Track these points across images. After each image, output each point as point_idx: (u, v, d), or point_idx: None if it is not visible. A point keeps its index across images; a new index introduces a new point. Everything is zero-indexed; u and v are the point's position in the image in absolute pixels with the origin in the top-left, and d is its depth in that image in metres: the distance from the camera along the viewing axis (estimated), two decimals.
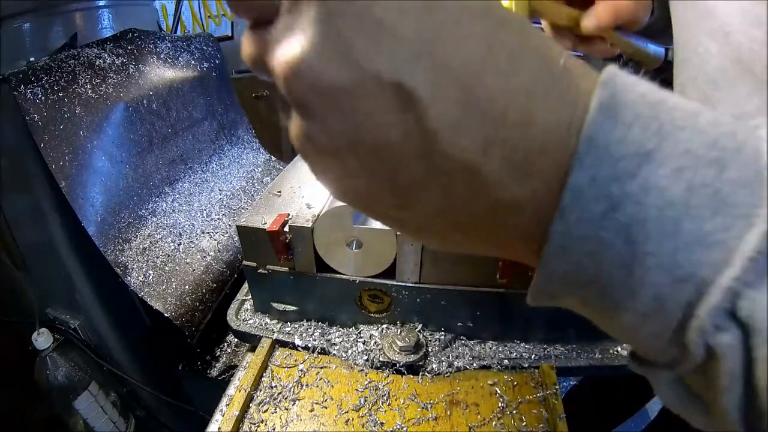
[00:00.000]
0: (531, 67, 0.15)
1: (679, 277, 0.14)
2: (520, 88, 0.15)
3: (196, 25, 1.45)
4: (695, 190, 0.14)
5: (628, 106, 0.15)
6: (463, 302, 0.53)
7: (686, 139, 0.14)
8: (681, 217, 0.14)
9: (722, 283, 0.14)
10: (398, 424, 0.46)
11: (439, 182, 0.16)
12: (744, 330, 0.14)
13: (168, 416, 0.91)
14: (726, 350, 0.14)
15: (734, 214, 0.14)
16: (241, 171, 1.03)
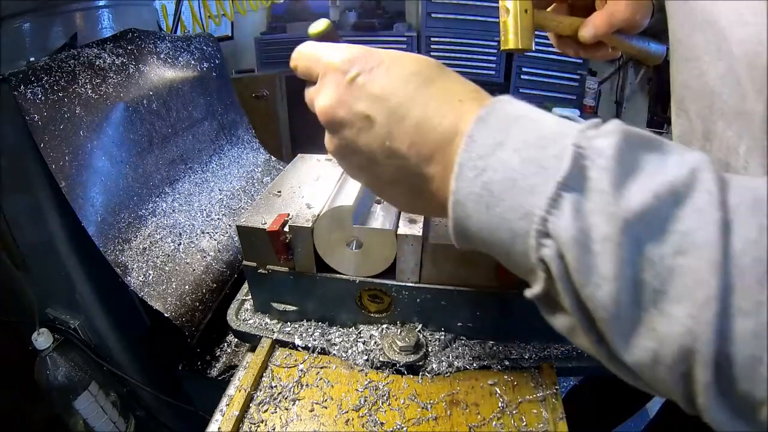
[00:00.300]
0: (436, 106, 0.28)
1: (520, 215, 0.23)
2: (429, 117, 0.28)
3: (196, 25, 1.44)
4: (526, 162, 0.23)
5: (494, 118, 0.25)
6: (463, 302, 0.53)
7: (524, 135, 0.24)
8: (517, 177, 0.23)
9: (538, 213, 0.22)
10: (398, 424, 0.46)
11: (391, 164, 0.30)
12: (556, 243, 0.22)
13: (168, 416, 0.91)
14: (550, 261, 0.22)
15: (547, 175, 0.22)
16: (241, 171, 1.03)
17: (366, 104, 0.29)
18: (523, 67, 2.18)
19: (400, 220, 0.52)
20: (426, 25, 2.17)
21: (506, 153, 0.24)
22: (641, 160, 0.22)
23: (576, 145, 0.22)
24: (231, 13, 1.55)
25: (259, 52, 2.32)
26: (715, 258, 0.19)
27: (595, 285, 0.21)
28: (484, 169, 0.24)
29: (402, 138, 0.28)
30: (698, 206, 0.20)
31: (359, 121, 0.29)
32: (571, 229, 0.21)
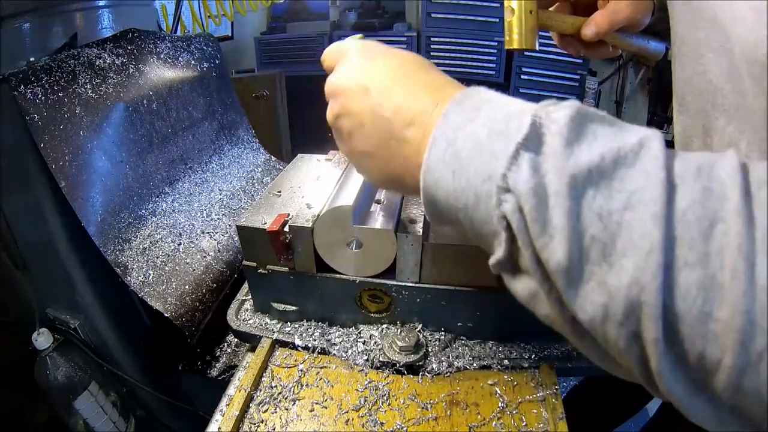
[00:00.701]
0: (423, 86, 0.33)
1: (484, 178, 0.25)
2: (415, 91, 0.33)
3: (196, 25, 1.44)
4: (493, 133, 0.26)
5: (468, 101, 0.29)
6: (463, 302, 0.53)
7: (492, 113, 0.27)
8: (483, 145, 0.26)
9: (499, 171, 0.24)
10: (398, 424, 0.46)
11: (377, 128, 0.34)
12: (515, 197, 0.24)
13: (168, 416, 0.91)
14: (510, 215, 0.24)
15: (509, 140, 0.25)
16: (241, 171, 1.03)
17: (366, 78, 0.35)
18: (523, 67, 2.18)
19: (400, 220, 0.52)
20: (426, 25, 2.17)
21: (475, 126, 0.27)
22: (593, 129, 0.24)
23: (534, 115, 0.25)
24: (231, 13, 1.55)
25: (259, 52, 2.32)
26: (659, 211, 0.20)
27: (549, 236, 0.22)
28: (454, 140, 0.27)
29: (389, 105, 0.33)
30: (645, 168, 0.21)
31: (358, 89, 0.34)
32: (528, 182, 0.23)
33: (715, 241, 0.19)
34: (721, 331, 0.19)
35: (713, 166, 0.21)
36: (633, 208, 0.21)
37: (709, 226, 0.20)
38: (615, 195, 0.21)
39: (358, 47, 0.37)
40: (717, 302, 0.19)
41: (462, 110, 0.28)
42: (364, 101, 0.34)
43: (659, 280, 0.20)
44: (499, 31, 2.13)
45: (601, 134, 0.23)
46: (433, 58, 2.17)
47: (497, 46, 2.16)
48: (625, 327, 0.21)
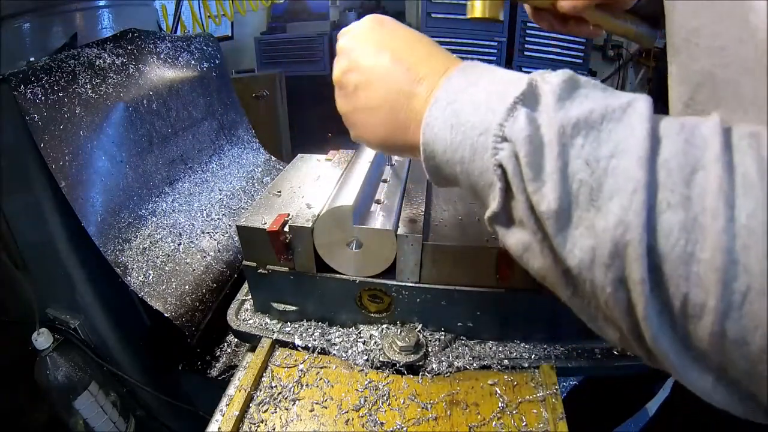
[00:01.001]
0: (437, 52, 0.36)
1: (481, 131, 0.27)
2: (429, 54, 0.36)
3: (196, 25, 1.44)
4: (492, 93, 0.28)
5: (473, 69, 0.31)
6: (463, 302, 0.53)
7: (492, 78, 0.29)
8: (482, 103, 0.28)
9: (496, 122, 0.26)
10: (398, 424, 0.46)
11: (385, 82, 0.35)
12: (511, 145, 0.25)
13: (168, 416, 0.91)
14: (506, 160, 0.26)
15: (506, 98, 0.26)
16: (241, 171, 1.03)
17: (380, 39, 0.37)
18: (522, 67, 2.18)
19: (400, 220, 0.52)
20: (426, 25, 2.17)
21: (476, 89, 0.29)
22: (584, 91, 0.26)
23: (531, 79, 0.27)
24: (231, 13, 1.55)
25: (259, 52, 2.32)
26: (643, 156, 0.21)
27: (541, 182, 0.24)
28: (455, 100, 0.29)
29: (402, 64, 0.35)
30: (631, 122, 0.23)
31: (371, 47, 0.36)
32: (524, 131, 0.25)
33: (697, 185, 0.20)
34: (703, 271, 0.20)
35: (697, 124, 0.22)
36: (619, 156, 0.22)
37: (691, 172, 0.20)
38: (602, 144, 0.23)
39: (373, 15, 0.40)
40: (699, 243, 0.20)
41: (465, 76, 0.31)
42: (376, 58, 0.35)
43: (643, 218, 0.21)
44: (500, 31, 2.13)
45: (591, 95, 0.25)
46: None
47: (497, 46, 2.16)
48: (612, 270, 0.22)
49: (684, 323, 0.21)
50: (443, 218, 0.54)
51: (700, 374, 0.22)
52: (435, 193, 0.60)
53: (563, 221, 0.24)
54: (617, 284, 0.22)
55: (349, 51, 0.38)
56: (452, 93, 0.30)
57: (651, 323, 0.21)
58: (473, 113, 0.28)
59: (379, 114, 0.36)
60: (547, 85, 0.26)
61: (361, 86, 0.36)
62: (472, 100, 0.29)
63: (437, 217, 0.55)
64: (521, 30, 2.14)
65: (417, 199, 0.57)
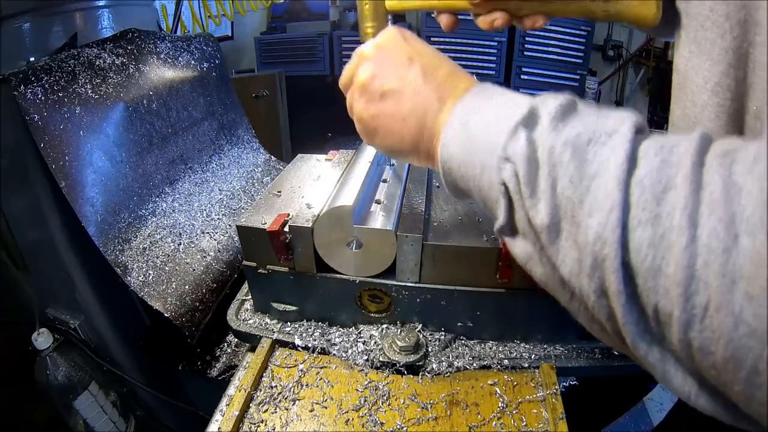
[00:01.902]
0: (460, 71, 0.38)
1: (488, 150, 0.30)
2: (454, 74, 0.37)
3: (196, 25, 1.44)
4: (500, 115, 0.30)
5: (484, 92, 0.34)
6: (463, 302, 0.53)
7: (501, 101, 0.32)
8: (490, 124, 0.31)
9: (500, 143, 0.29)
10: (398, 424, 0.46)
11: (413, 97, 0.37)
12: (513, 165, 0.28)
13: (168, 416, 0.91)
14: (508, 178, 0.28)
15: (511, 120, 0.29)
16: (241, 171, 1.03)
17: (411, 52, 0.38)
18: (523, 67, 2.18)
19: (400, 220, 0.52)
20: (426, 25, 2.17)
21: (486, 111, 0.32)
22: (578, 115, 0.28)
23: (533, 102, 0.30)
24: (231, 13, 1.55)
25: (259, 52, 2.32)
26: (620, 176, 0.23)
27: (536, 199, 0.27)
28: (467, 121, 0.32)
29: (433, 79, 0.37)
30: (614, 145, 0.25)
31: (402, 57, 0.38)
32: (523, 151, 0.27)
33: (667, 204, 0.22)
34: (669, 284, 0.21)
35: (676, 143, 0.24)
36: (600, 175, 0.24)
37: (663, 191, 0.22)
38: (587, 165, 0.25)
39: (396, 27, 0.41)
40: (665, 258, 0.21)
41: (477, 98, 0.33)
42: (408, 71, 0.37)
43: (617, 234, 0.23)
44: (500, 30, 2.13)
45: (584, 119, 0.27)
46: None
47: (497, 46, 2.16)
48: (594, 280, 0.24)
49: (659, 329, 0.23)
50: (443, 218, 0.54)
51: (683, 379, 0.23)
52: (435, 193, 0.60)
53: (554, 234, 0.26)
54: (599, 293, 0.24)
55: (377, 58, 0.39)
56: (465, 114, 0.33)
57: (630, 329, 0.23)
58: (482, 133, 0.31)
59: (405, 125, 0.37)
60: (545, 108, 0.28)
61: (390, 95, 0.38)
62: (482, 121, 0.31)
63: (437, 217, 0.55)
64: (521, 30, 2.14)
65: (417, 199, 0.57)
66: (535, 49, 2.14)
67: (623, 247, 0.23)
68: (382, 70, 0.38)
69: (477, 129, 0.31)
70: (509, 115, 0.30)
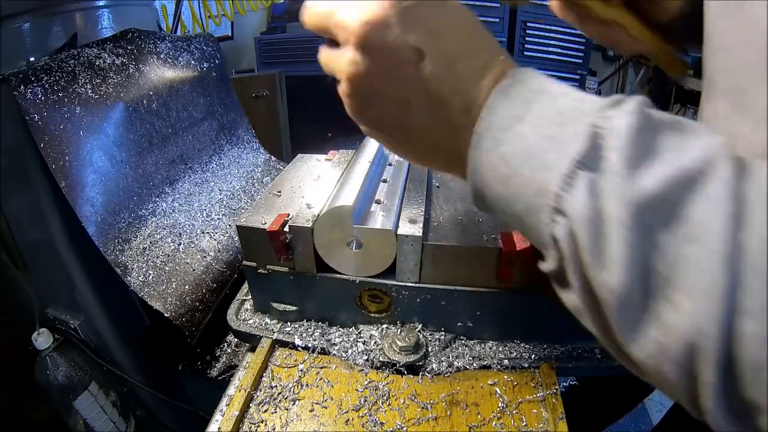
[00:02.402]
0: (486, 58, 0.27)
1: (535, 191, 0.24)
2: (477, 68, 0.27)
3: (196, 25, 1.44)
4: (543, 138, 0.24)
5: (515, 91, 0.25)
6: (463, 302, 0.53)
7: (543, 111, 0.24)
8: (534, 152, 0.24)
9: (552, 189, 0.23)
10: (398, 424, 0.46)
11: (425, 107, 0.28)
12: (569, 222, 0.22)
13: (168, 416, 0.91)
14: (562, 238, 0.23)
15: (564, 152, 0.22)
16: (241, 171, 1.03)
17: (419, 36, 0.26)
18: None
19: (400, 220, 0.52)
20: None
21: (524, 128, 0.24)
22: (658, 143, 0.21)
23: (593, 125, 0.22)
24: (231, 13, 1.55)
25: (259, 52, 2.32)
26: (723, 250, 0.18)
27: (603, 268, 0.21)
28: (501, 141, 0.25)
29: (449, 83, 0.26)
30: (711, 194, 0.19)
31: (407, 51, 0.26)
32: (584, 209, 0.21)
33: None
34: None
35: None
36: (695, 241, 0.19)
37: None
38: (677, 224, 0.19)
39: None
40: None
41: (509, 103, 0.25)
42: (415, 71, 0.26)
43: (720, 325, 0.18)
44: (500, 31, 2.13)
45: (667, 149, 0.21)
46: None
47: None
48: (680, 367, 0.20)
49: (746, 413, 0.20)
50: (443, 218, 0.54)
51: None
52: (435, 193, 0.61)
53: (627, 310, 0.21)
54: (684, 377, 0.20)
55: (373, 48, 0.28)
56: (497, 130, 0.25)
57: (715, 414, 0.20)
58: (525, 165, 0.24)
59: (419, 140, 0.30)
60: (615, 140, 0.21)
61: (392, 106, 0.29)
62: (523, 143, 0.24)
63: (437, 217, 0.55)
64: (521, 30, 2.14)
65: (417, 199, 0.57)
66: (535, 49, 2.14)
67: (725, 338, 0.18)
68: (378, 70, 0.27)
69: (516, 156, 0.24)
70: (558, 139, 0.23)
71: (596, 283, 0.21)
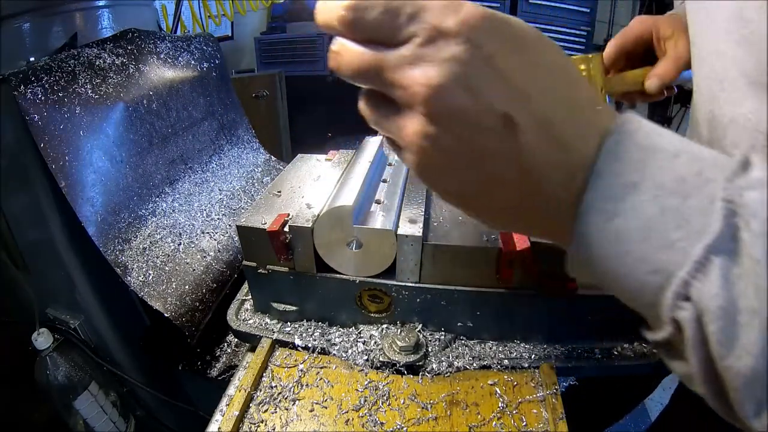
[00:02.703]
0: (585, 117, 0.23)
1: (652, 269, 0.21)
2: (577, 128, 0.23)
3: (196, 25, 1.44)
4: (665, 211, 0.21)
5: (623, 151, 0.22)
6: (463, 302, 0.53)
7: (661, 177, 0.21)
8: (654, 228, 0.21)
9: (679, 275, 0.20)
10: (398, 424, 0.46)
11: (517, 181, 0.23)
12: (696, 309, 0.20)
13: (168, 416, 0.91)
14: (686, 323, 0.21)
15: (691, 230, 0.20)
16: (241, 171, 1.03)
17: (506, 99, 0.21)
18: None
19: (400, 220, 0.52)
20: None
21: (641, 198, 0.21)
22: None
23: (726, 200, 0.20)
24: (231, 13, 1.55)
25: (259, 52, 2.33)
26: None
27: (736, 357, 0.19)
28: (615, 214, 0.22)
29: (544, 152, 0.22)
30: None
31: (492, 119, 0.22)
32: (718, 299, 0.19)
33: None
34: None
35: None
36: None
37: None
38: None
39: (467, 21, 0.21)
40: None
41: (620, 167, 0.22)
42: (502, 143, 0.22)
43: None
44: None
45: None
46: None
47: None
48: None
49: None
50: (443, 218, 0.54)
51: None
52: (435, 193, 0.61)
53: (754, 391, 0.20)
54: None
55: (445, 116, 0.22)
56: (608, 200, 0.22)
57: None
58: (643, 242, 0.21)
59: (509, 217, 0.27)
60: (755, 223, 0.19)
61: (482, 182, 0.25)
62: (640, 218, 0.21)
63: (437, 217, 0.55)
64: None
65: (417, 199, 0.57)
66: None
67: None
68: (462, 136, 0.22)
69: (631, 233, 0.21)
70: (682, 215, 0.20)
71: (723, 367, 0.20)
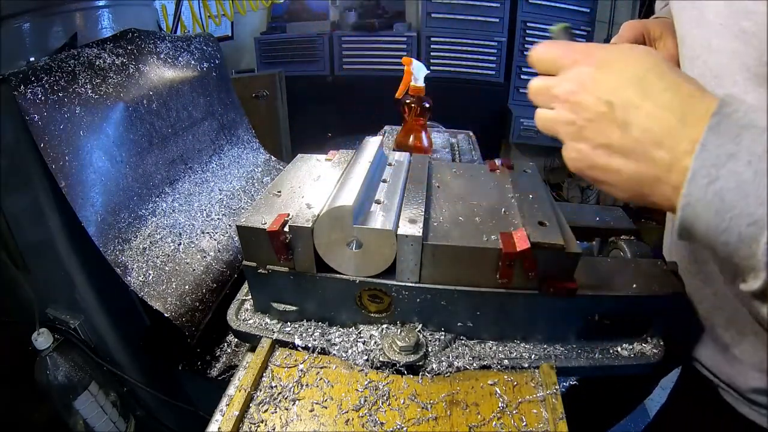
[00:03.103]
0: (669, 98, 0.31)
1: (750, 222, 0.27)
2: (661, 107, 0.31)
3: (196, 25, 1.45)
4: (759, 174, 0.26)
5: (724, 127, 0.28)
6: (463, 302, 0.53)
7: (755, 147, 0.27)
8: (750, 189, 0.27)
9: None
10: (398, 424, 0.46)
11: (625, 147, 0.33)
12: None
13: (168, 416, 0.91)
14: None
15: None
16: (241, 171, 1.03)
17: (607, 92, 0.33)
18: (523, 67, 2.18)
19: (400, 220, 0.52)
20: (426, 25, 2.17)
21: (738, 165, 0.27)
22: None
23: None
24: (231, 13, 1.55)
25: (259, 52, 2.33)
26: None
27: None
28: (716, 178, 0.28)
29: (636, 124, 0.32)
30: None
31: (599, 104, 0.33)
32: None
33: None
34: None
35: None
36: None
37: None
38: None
39: (586, 52, 0.35)
40: None
41: (720, 140, 0.28)
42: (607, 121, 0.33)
43: None
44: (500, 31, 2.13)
45: None
46: (433, 58, 2.17)
47: (497, 46, 2.16)
48: None
49: None
50: (443, 218, 0.54)
51: None
52: (435, 193, 0.60)
53: None
54: None
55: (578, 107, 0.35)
56: (711, 167, 0.28)
57: None
58: (740, 199, 0.27)
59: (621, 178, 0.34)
60: None
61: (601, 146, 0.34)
62: (737, 180, 0.27)
63: (437, 217, 0.55)
64: (521, 30, 2.14)
65: (417, 199, 0.57)
66: None
67: None
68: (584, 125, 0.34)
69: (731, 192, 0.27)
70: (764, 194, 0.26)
71: None
